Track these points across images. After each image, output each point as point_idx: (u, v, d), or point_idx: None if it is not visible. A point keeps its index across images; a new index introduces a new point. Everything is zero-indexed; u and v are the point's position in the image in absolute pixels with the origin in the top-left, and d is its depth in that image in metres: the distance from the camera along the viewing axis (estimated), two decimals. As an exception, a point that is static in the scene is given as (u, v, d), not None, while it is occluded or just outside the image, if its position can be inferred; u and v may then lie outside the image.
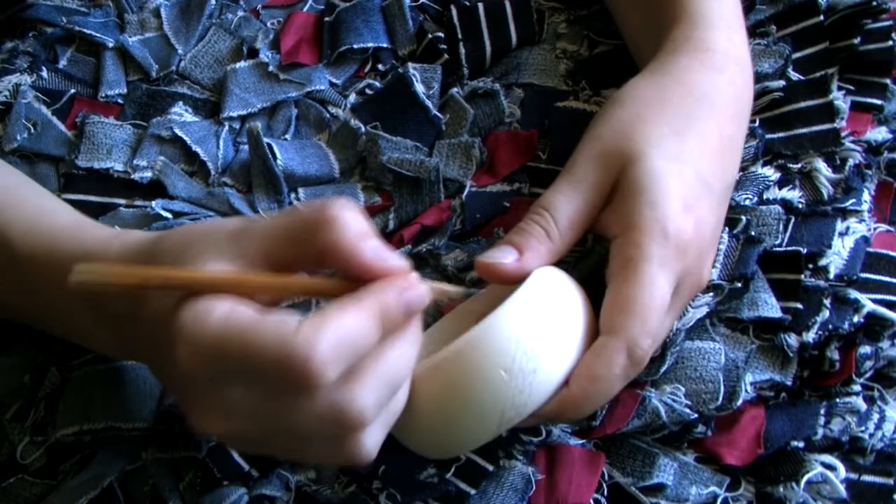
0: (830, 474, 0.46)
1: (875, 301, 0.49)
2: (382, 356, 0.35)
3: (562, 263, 0.44)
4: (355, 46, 0.57)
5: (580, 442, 0.47)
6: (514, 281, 0.42)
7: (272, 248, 0.36)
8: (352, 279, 0.36)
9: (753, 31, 0.57)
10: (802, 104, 0.54)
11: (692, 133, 0.45)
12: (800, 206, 0.52)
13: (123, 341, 0.41)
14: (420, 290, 0.36)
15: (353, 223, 0.35)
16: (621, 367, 0.40)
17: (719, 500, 0.46)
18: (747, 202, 0.51)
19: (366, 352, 0.34)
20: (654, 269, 0.41)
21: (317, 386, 0.33)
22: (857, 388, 0.48)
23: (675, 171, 0.43)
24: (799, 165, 0.53)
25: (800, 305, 0.49)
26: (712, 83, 0.47)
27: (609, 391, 0.41)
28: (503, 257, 0.43)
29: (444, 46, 0.57)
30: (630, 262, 0.42)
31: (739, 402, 0.47)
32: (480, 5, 0.58)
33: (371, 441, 0.36)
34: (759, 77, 0.55)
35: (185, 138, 0.54)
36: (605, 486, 0.46)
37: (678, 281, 0.43)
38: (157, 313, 0.36)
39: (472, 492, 0.46)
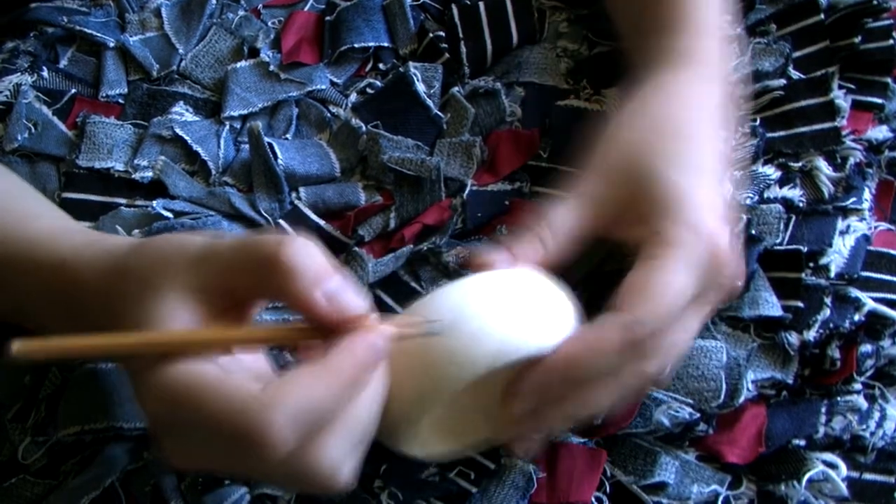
0: (832, 472, 0.46)
1: (876, 299, 0.49)
2: (351, 411, 0.35)
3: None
4: (356, 46, 0.57)
5: (582, 440, 0.47)
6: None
7: (231, 282, 0.36)
8: (311, 323, 0.36)
9: (753, 31, 0.57)
10: (803, 103, 0.54)
11: (701, 145, 0.45)
12: (800, 204, 0.52)
13: None
14: (387, 337, 0.36)
15: (306, 269, 0.35)
16: (617, 341, 0.38)
17: (721, 498, 0.46)
18: (748, 201, 0.51)
19: (332, 414, 0.34)
20: (675, 262, 0.41)
21: (275, 454, 0.32)
22: (858, 386, 0.48)
23: (699, 183, 0.43)
24: (800, 164, 0.53)
25: (801, 304, 0.49)
26: (709, 95, 0.47)
27: (603, 362, 0.39)
28: (492, 253, 0.43)
29: (445, 45, 0.57)
30: (653, 253, 0.41)
31: (741, 401, 0.47)
32: (481, 4, 0.58)
33: (345, 478, 0.35)
34: (759, 76, 0.55)
35: (186, 138, 0.54)
36: (606, 484, 0.46)
37: (708, 284, 0.42)
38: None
39: (474, 490, 0.46)
